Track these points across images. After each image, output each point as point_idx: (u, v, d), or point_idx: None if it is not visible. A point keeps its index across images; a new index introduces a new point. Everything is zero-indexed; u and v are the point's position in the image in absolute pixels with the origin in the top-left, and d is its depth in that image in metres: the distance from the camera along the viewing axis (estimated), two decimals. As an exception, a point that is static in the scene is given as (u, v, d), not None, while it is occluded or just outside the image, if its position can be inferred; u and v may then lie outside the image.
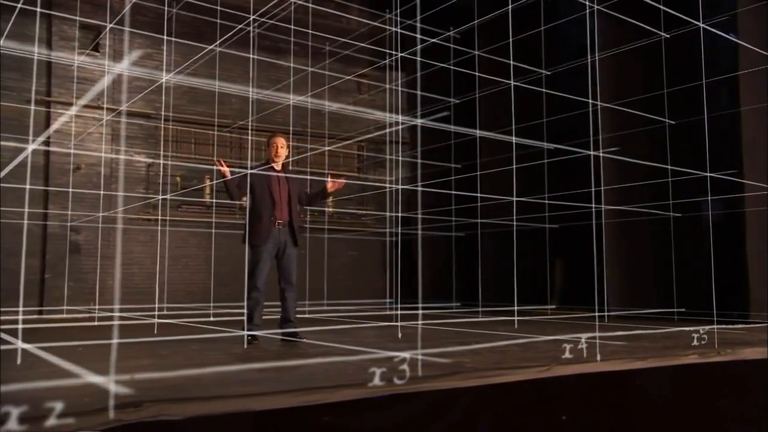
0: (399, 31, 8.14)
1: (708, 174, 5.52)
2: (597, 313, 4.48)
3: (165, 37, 9.80)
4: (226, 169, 5.65)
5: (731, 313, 8.16)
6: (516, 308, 6.15)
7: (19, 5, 6.64)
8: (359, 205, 12.45)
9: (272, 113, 10.82)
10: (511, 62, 6.96)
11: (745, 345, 4.96)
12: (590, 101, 7.24)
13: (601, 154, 5.05)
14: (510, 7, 6.95)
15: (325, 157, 11.95)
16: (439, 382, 3.25)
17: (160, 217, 10.64)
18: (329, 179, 5.94)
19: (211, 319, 7.48)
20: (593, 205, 6.39)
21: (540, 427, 3.27)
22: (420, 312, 6.04)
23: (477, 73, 8.15)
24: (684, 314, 7.23)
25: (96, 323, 7.39)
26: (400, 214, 9.32)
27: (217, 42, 9.12)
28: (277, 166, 5.84)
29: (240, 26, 9.77)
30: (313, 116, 11.59)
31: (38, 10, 8.52)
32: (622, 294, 9.40)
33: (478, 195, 8.16)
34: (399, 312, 5.80)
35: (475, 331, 6.21)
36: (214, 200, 11.50)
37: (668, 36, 7.28)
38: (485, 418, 3.04)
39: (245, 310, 5.53)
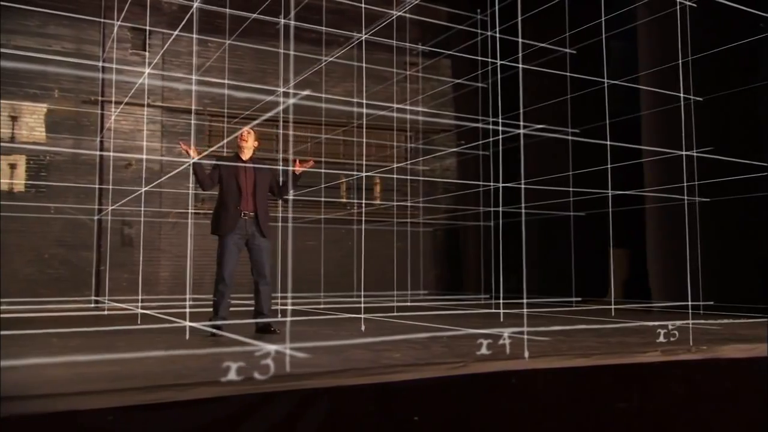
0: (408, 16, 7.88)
1: (684, 153, 5.01)
2: (524, 308, 4.15)
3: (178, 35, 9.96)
4: (190, 151, 5.58)
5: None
6: (501, 301, 5.84)
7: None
8: (403, 196, 12.28)
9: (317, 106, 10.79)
10: (496, 37, 6.60)
11: (728, 342, 4.51)
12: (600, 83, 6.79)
13: (522, 132, 4.68)
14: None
15: (349, 147, 11.86)
16: (306, 380, 3.09)
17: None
18: (297, 164, 5.83)
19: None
20: (576, 191, 5.97)
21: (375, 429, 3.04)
22: (289, 305, 5.80)
23: (489, 59, 7.78)
24: (711, 307, 6.68)
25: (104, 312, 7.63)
26: (373, 202, 9.04)
27: (230, 34, 9.17)
28: (245, 157, 5.82)
29: (255, 14, 9.80)
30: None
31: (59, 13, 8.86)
32: (667, 286, 8.78)
33: (484, 183, 7.81)
34: (362, 305, 5.63)
35: (430, 325, 5.91)
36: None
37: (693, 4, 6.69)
38: (311, 419, 2.83)
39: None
